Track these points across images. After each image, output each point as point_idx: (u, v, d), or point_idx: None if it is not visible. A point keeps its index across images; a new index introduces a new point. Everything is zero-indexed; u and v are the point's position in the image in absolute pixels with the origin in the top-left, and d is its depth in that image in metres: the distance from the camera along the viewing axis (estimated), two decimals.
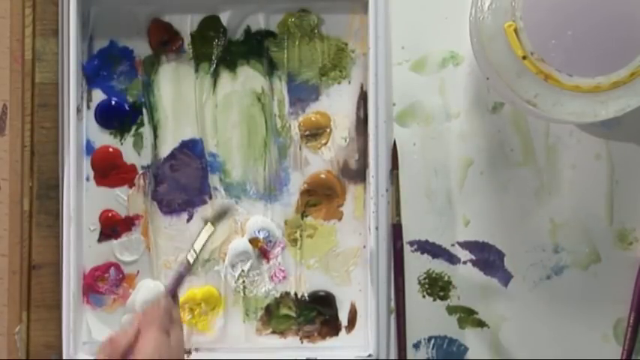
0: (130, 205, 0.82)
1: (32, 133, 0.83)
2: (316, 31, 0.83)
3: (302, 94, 0.83)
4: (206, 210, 0.82)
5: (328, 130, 0.83)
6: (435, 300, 0.82)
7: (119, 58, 0.82)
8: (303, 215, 0.83)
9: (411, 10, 0.82)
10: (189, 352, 0.81)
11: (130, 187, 0.82)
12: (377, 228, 0.81)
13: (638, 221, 0.82)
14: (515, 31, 0.71)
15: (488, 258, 0.82)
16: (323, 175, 0.82)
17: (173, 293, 0.74)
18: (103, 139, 0.83)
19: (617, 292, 0.82)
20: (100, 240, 0.82)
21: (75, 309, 0.80)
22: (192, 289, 0.82)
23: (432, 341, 0.82)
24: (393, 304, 0.82)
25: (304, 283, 0.82)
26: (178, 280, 0.75)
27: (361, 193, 0.82)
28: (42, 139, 0.83)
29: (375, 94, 0.81)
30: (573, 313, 0.82)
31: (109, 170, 0.82)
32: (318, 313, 0.82)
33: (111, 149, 0.82)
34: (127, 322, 0.71)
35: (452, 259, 0.82)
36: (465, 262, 0.82)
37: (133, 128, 0.82)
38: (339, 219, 0.83)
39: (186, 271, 0.75)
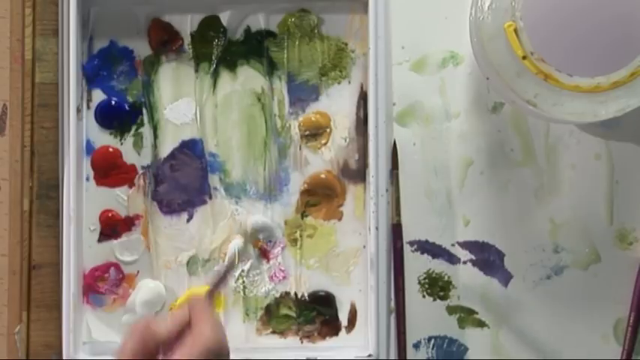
0: (130, 205, 0.82)
1: (32, 133, 0.83)
2: (316, 31, 0.83)
3: (302, 94, 0.83)
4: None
5: (328, 130, 0.83)
6: (435, 300, 0.82)
7: (119, 58, 0.82)
8: (303, 215, 0.83)
9: (411, 10, 0.82)
10: None
11: (130, 187, 0.82)
12: (377, 228, 0.81)
13: (638, 221, 0.82)
14: (515, 31, 0.71)
15: (488, 258, 0.82)
16: (323, 175, 0.82)
17: (212, 294, 0.74)
18: (103, 139, 0.83)
19: (617, 292, 0.82)
20: (100, 240, 0.82)
21: (75, 309, 0.80)
22: (192, 289, 0.82)
23: (432, 341, 0.82)
24: (393, 304, 0.82)
25: (304, 283, 0.82)
26: (219, 283, 0.75)
27: (361, 193, 0.82)
28: (42, 139, 0.83)
29: (375, 94, 0.81)
30: (573, 313, 0.82)
31: (109, 170, 0.82)
32: (318, 313, 0.82)
33: (111, 149, 0.82)
34: (170, 314, 0.69)
35: (452, 259, 0.82)
36: (465, 262, 0.82)
37: (133, 128, 0.82)
38: (339, 219, 0.83)
39: (229, 273, 0.77)
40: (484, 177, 0.82)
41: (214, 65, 0.82)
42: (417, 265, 0.82)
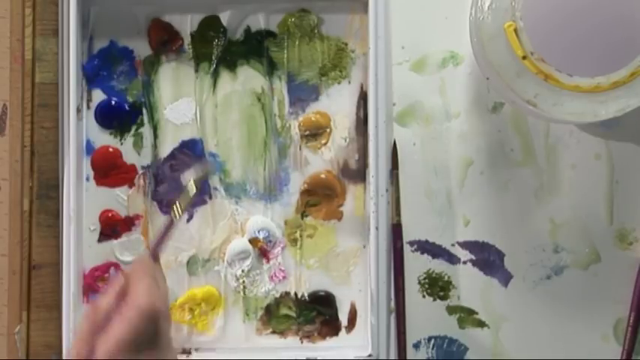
0: (130, 205, 0.82)
1: (32, 133, 0.83)
2: (316, 31, 0.83)
3: (302, 94, 0.83)
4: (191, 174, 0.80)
5: (328, 130, 0.83)
6: (435, 300, 0.82)
7: (119, 58, 0.82)
8: (303, 215, 0.83)
9: (411, 10, 0.82)
10: (189, 352, 0.81)
11: (130, 187, 0.82)
12: (377, 228, 0.81)
13: (638, 221, 0.82)
14: (515, 31, 0.71)
15: (488, 258, 0.82)
16: (323, 175, 0.82)
17: (155, 253, 0.73)
18: (103, 139, 0.83)
19: (617, 292, 0.82)
20: (100, 240, 0.82)
21: (75, 309, 0.80)
22: (192, 289, 0.82)
23: (432, 341, 0.82)
24: (393, 304, 0.82)
25: (304, 283, 0.82)
26: (161, 240, 0.73)
27: (361, 193, 0.82)
28: (42, 139, 0.83)
29: (375, 94, 0.81)
30: (573, 313, 0.82)
31: (109, 170, 0.82)
32: (318, 313, 0.82)
33: (111, 149, 0.82)
34: (108, 286, 0.69)
35: (452, 259, 0.82)
36: (465, 262, 0.82)
37: (133, 128, 0.83)
38: (339, 219, 0.83)
39: (169, 229, 0.74)
40: (484, 177, 0.82)
41: (214, 65, 0.82)
42: (417, 265, 0.82)
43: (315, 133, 0.83)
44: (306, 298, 0.82)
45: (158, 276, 0.70)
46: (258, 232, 0.82)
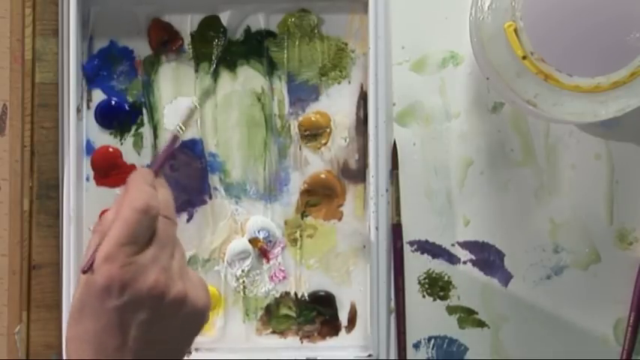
0: None
1: (32, 133, 0.83)
2: (316, 31, 0.83)
3: (302, 94, 0.83)
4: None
5: (328, 130, 0.83)
6: (435, 300, 0.82)
7: (119, 58, 0.82)
8: (303, 215, 0.83)
9: (411, 10, 0.82)
10: (189, 352, 0.81)
11: None
12: (377, 228, 0.81)
13: (638, 221, 0.82)
14: (515, 31, 0.71)
15: (488, 258, 0.82)
16: (323, 175, 0.82)
17: (158, 168, 0.71)
18: (103, 139, 0.83)
19: (617, 292, 0.82)
20: None
21: None
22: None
23: (432, 341, 0.82)
24: (393, 304, 0.82)
25: (304, 283, 0.82)
26: (165, 157, 0.72)
27: (361, 193, 0.82)
28: (42, 139, 0.83)
29: (375, 94, 0.81)
30: (573, 313, 0.82)
31: (109, 170, 0.82)
32: (318, 313, 0.82)
33: (111, 149, 0.82)
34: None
35: (452, 259, 0.82)
36: (465, 262, 0.82)
37: (133, 128, 0.83)
38: (339, 219, 0.83)
39: (172, 146, 0.73)
40: (484, 177, 0.82)
41: (214, 65, 0.82)
42: (417, 265, 0.82)
43: (315, 133, 0.83)
44: (306, 298, 0.82)
45: (160, 184, 0.69)
46: (258, 232, 0.82)
